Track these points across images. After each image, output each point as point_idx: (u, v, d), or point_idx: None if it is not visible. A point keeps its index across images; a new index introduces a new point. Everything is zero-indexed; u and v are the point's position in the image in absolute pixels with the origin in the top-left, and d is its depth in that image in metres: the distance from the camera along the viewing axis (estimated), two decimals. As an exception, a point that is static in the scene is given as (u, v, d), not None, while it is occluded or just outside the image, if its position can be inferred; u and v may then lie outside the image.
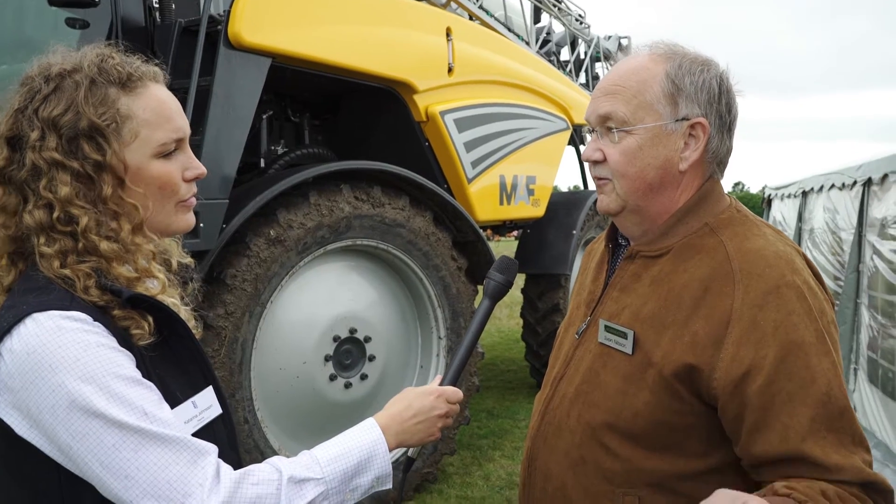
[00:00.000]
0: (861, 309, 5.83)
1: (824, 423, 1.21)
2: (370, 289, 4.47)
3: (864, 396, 5.71)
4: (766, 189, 10.96)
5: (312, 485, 1.18)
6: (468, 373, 4.78)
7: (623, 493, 1.34)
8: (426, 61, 4.85)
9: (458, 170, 5.08)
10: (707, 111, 1.37)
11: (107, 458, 1.06)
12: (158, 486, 1.07)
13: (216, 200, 3.58)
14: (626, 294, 1.43)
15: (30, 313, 1.09)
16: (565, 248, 6.47)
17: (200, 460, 1.11)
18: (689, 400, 1.30)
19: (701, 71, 1.38)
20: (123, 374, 1.10)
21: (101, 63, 1.20)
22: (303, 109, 5.04)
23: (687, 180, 1.41)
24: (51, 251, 1.15)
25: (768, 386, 1.23)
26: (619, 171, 1.39)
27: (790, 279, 1.27)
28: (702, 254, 1.35)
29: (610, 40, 9.67)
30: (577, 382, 1.44)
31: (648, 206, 1.41)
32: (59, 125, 1.16)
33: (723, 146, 1.41)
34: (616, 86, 1.39)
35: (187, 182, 1.28)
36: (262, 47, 3.76)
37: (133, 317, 1.16)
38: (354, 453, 1.26)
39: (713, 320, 1.28)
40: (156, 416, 1.10)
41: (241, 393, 3.77)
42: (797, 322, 1.24)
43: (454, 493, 4.69)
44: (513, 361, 8.58)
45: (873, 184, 5.59)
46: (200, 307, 1.47)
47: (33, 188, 1.16)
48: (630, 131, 1.37)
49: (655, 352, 1.32)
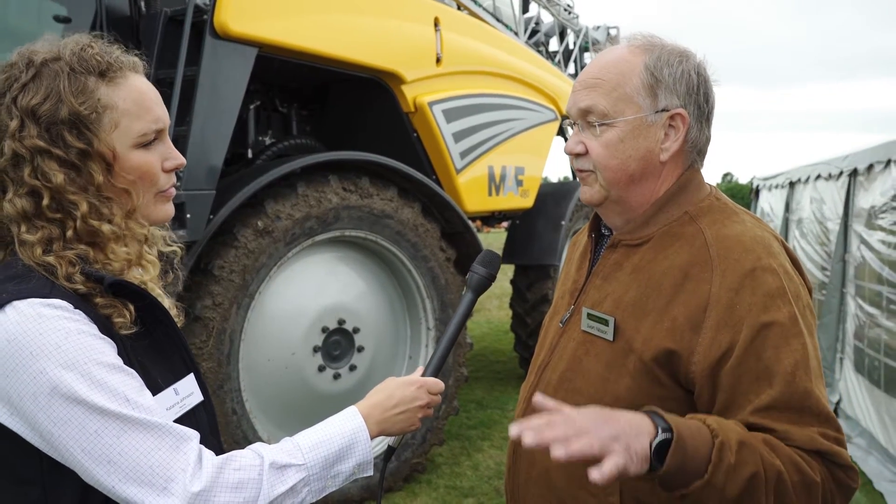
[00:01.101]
0: (847, 298, 5.87)
1: (787, 402, 1.23)
2: (359, 280, 4.47)
3: (849, 385, 5.76)
4: (755, 180, 11.01)
5: (294, 470, 1.20)
6: (457, 363, 4.79)
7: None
8: (414, 51, 4.83)
9: (446, 160, 5.07)
10: (686, 102, 1.39)
11: (89, 445, 1.06)
12: (141, 471, 1.07)
13: (203, 191, 3.57)
14: (609, 282, 1.45)
15: (10, 301, 1.09)
16: (554, 239, 6.49)
17: (183, 446, 1.12)
18: (669, 385, 1.32)
19: (679, 62, 1.39)
20: (105, 361, 1.10)
21: (81, 52, 1.20)
22: (290, 100, 5.02)
23: (668, 170, 1.43)
24: (33, 238, 1.14)
25: (738, 366, 1.25)
26: (602, 164, 1.41)
27: (766, 262, 1.29)
28: (681, 241, 1.37)
29: (599, 30, 9.67)
30: (561, 370, 1.47)
31: (630, 197, 1.43)
32: (38, 114, 1.15)
33: (702, 136, 1.43)
34: (596, 79, 1.41)
35: (167, 172, 1.27)
36: (249, 37, 3.73)
37: (115, 305, 1.17)
38: (336, 440, 1.27)
39: (692, 306, 1.29)
40: (137, 403, 1.10)
41: (230, 384, 3.77)
42: (770, 304, 1.26)
43: (443, 483, 4.71)
44: (502, 352, 8.60)
45: (859, 174, 5.62)
46: (183, 297, 1.48)
47: (13, 177, 1.16)
48: (611, 124, 1.39)
49: (636, 338, 1.34)
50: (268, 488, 1.16)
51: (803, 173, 7.57)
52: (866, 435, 5.28)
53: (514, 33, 7.09)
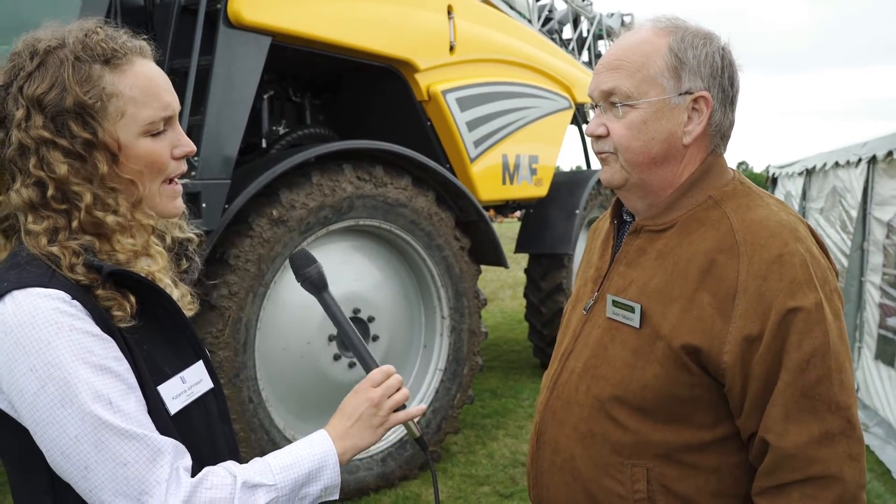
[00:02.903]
0: (866, 286, 5.81)
1: (799, 389, 1.24)
2: (373, 269, 4.47)
3: (867, 374, 5.70)
4: (770, 168, 10.90)
5: (264, 491, 1.19)
6: (471, 352, 4.79)
7: (631, 464, 1.36)
8: (427, 40, 4.81)
9: (460, 149, 5.05)
10: (710, 85, 1.37)
11: (67, 449, 1.06)
12: (116, 481, 1.06)
13: (218, 181, 3.57)
14: (633, 269, 1.43)
15: (9, 290, 1.08)
16: (568, 228, 6.45)
17: (160, 459, 1.10)
18: (698, 373, 1.31)
19: (703, 44, 1.37)
20: (93, 362, 1.08)
21: (86, 39, 1.17)
22: (304, 89, 5.02)
23: (691, 154, 1.41)
24: (38, 228, 1.14)
25: (766, 354, 1.25)
26: (624, 145, 1.39)
27: (793, 247, 1.28)
28: (706, 226, 1.36)
29: (613, 17, 9.58)
30: (586, 357, 1.45)
31: (652, 180, 1.41)
32: (43, 103, 1.14)
33: (725, 120, 1.41)
34: (619, 60, 1.39)
35: (176, 160, 1.25)
36: (262, 26, 3.73)
37: (115, 297, 1.15)
38: (306, 462, 1.26)
39: (720, 294, 1.28)
40: (120, 408, 1.08)
41: (246, 373, 3.79)
42: (796, 290, 1.25)
43: (458, 471, 4.71)
44: (516, 342, 8.60)
45: (878, 161, 5.55)
46: (197, 285, 1.47)
47: (20, 167, 1.15)
48: (634, 105, 1.37)
49: (663, 325, 1.33)
50: None
51: (820, 161, 7.48)
52: (885, 424, 5.23)
53: (527, 21, 7.04)
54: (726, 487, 1.33)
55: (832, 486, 1.23)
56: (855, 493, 1.24)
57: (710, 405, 1.32)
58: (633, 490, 1.35)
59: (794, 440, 1.23)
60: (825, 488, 1.23)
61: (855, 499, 1.24)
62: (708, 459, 1.33)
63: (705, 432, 1.33)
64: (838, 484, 1.23)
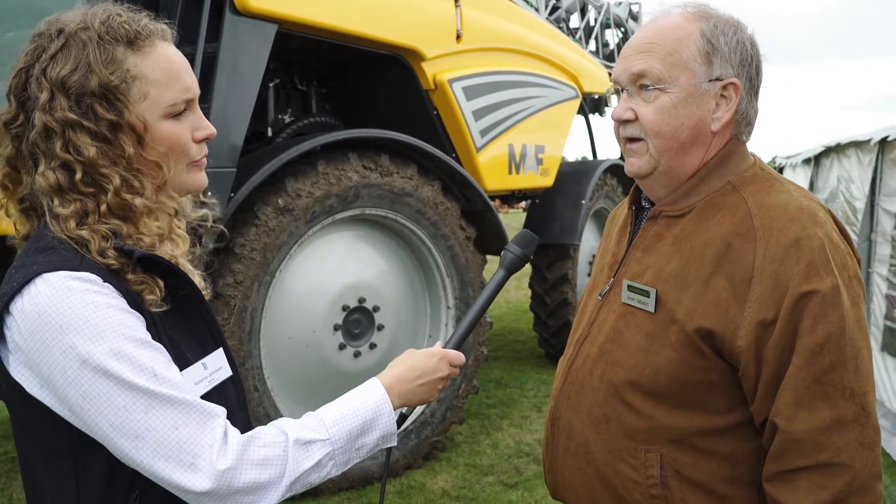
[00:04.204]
0: (874, 278, 5.79)
1: (812, 374, 1.22)
2: (379, 258, 4.46)
3: (874, 366, 5.69)
4: (777, 158, 10.85)
5: (318, 446, 1.19)
6: (477, 342, 4.79)
7: (645, 449, 1.36)
8: (434, 28, 4.78)
9: (466, 139, 5.03)
10: (739, 72, 1.37)
11: (117, 419, 1.06)
12: (168, 447, 1.07)
13: (224, 169, 3.56)
14: (649, 254, 1.42)
15: (40, 273, 1.08)
16: (574, 219, 6.43)
17: (210, 422, 1.11)
18: (712, 357, 1.30)
19: (734, 32, 1.37)
20: (133, 336, 1.09)
21: (109, 21, 1.17)
22: (310, 77, 5.00)
23: (716, 141, 1.40)
24: (66, 212, 1.13)
25: (780, 338, 1.24)
26: (654, 130, 1.38)
27: (811, 231, 1.26)
28: (724, 211, 1.35)
29: (620, 6, 9.52)
30: (601, 342, 1.45)
31: (679, 166, 1.40)
32: (67, 85, 1.13)
33: (751, 108, 1.41)
34: (651, 43, 1.38)
35: (198, 143, 1.26)
36: (269, 13, 3.71)
37: (146, 281, 1.16)
38: (360, 413, 1.26)
39: (736, 278, 1.27)
40: (166, 378, 1.10)
41: (251, 362, 3.79)
42: (812, 273, 1.23)
43: (462, 461, 4.72)
44: (521, 332, 8.59)
45: (886, 152, 5.52)
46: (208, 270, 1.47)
47: (44, 149, 1.14)
48: (665, 89, 1.36)
49: (678, 309, 1.32)
50: (293, 464, 1.16)
51: (827, 151, 7.44)
52: (891, 416, 5.22)
53: (534, 10, 7.00)
54: (741, 474, 1.32)
55: (841, 473, 1.21)
56: (865, 483, 1.22)
57: (723, 390, 1.31)
58: (646, 475, 1.35)
59: (804, 425, 1.22)
60: (834, 476, 1.21)
61: (865, 488, 1.22)
62: (722, 445, 1.33)
63: (719, 418, 1.32)
64: (847, 472, 1.21)
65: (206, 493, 1.08)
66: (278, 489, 1.14)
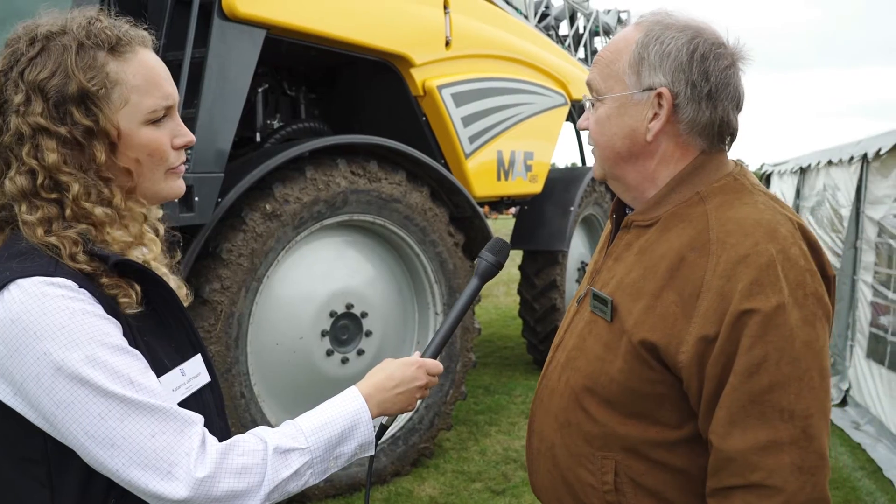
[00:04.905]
0: (859, 285, 5.83)
1: (747, 393, 1.19)
2: (367, 264, 4.45)
3: (860, 373, 5.72)
4: (765, 166, 10.92)
5: (297, 454, 1.19)
6: (465, 349, 4.79)
7: (602, 455, 1.37)
8: (423, 34, 4.78)
9: (455, 145, 5.04)
10: (674, 79, 1.32)
11: (92, 427, 1.05)
12: (145, 454, 1.06)
13: (211, 174, 3.55)
14: (618, 263, 1.43)
15: (14, 279, 1.07)
16: (563, 225, 6.45)
17: (187, 430, 1.10)
18: (659, 369, 1.29)
19: (673, 38, 1.32)
20: (109, 342, 1.08)
21: (89, 26, 1.17)
22: (299, 83, 4.99)
23: (665, 150, 1.38)
24: (33, 219, 1.12)
25: (719, 355, 1.21)
26: (593, 140, 1.43)
27: (762, 248, 1.22)
28: (686, 223, 1.33)
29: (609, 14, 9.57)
30: (569, 349, 1.47)
31: (625, 175, 1.42)
32: (45, 89, 1.12)
33: (700, 116, 1.33)
34: (600, 56, 1.42)
35: (176, 150, 1.25)
36: (257, 19, 3.70)
37: (121, 285, 1.15)
38: (338, 422, 1.27)
39: (685, 293, 1.26)
40: (142, 385, 1.08)
41: (238, 368, 3.77)
42: (756, 291, 1.20)
43: (450, 467, 4.71)
44: (509, 338, 8.60)
45: (871, 160, 5.57)
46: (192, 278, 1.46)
47: (16, 153, 1.13)
48: (602, 100, 1.39)
49: (628, 319, 1.33)
50: (272, 473, 1.15)
51: (815, 159, 7.49)
52: (876, 422, 5.25)
53: (523, 17, 7.02)
54: (695, 487, 1.31)
55: (774, 496, 1.18)
56: None
57: (674, 404, 1.30)
58: (602, 481, 1.36)
59: (737, 444, 1.20)
60: (767, 498, 1.18)
61: None
62: (676, 459, 1.31)
63: (671, 431, 1.31)
64: (780, 495, 1.17)
65: (183, 501, 1.07)
66: (256, 497, 1.13)
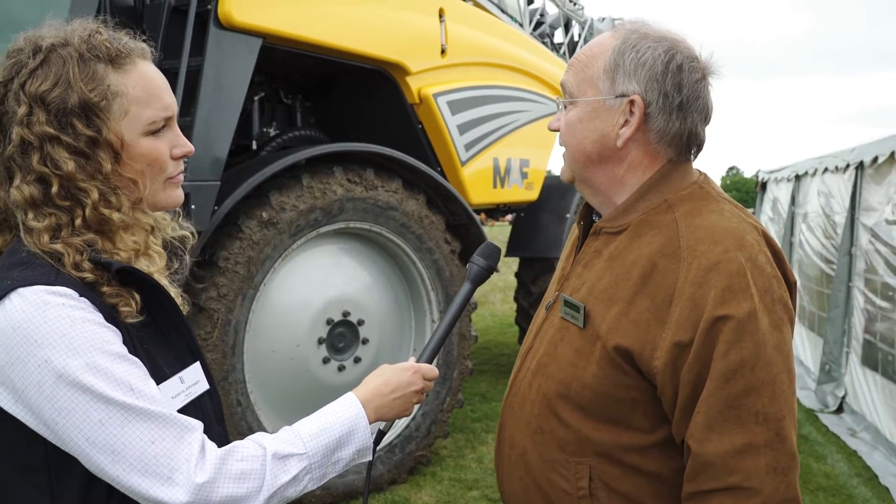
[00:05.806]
0: (854, 292, 5.84)
1: (724, 398, 1.22)
2: (363, 272, 4.45)
3: (855, 380, 5.73)
4: (760, 173, 10.96)
5: (296, 460, 1.20)
6: (461, 356, 4.79)
7: (576, 461, 1.37)
8: (419, 43, 4.80)
9: (451, 152, 5.05)
10: (648, 88, 1.34)
11: (93, 434, 1.06)
12: (145, 461, 1.07)
13: (208, 182, 3.56)
14: (588, 270, 1.44)
15: (14, 288, 1.08)
16: (559, 232, 6.46)
17: (187, 436, 1.11)
18: (633, 375, 1.31)
19: (649, 48, 1.35)
20: (110, 350, 1.09)
21: (90, 38, 1.19)
22: (295, 91, 5.00)
23: (634, 157, 1.40)
24: (40, 226, 1.13)
25: (694, 362, 1.24)
26: (563, 141, 1.45)
27: (732, 255, 1.26)
28: (655, 230, 1.36)
29: (604, 22, 9.61)
30: (540, 355, 1.48)
31: (593, 178, 1.44)
32: (47, 101, 1.14)
33: (670, 126, 1.36)
34: (576, 59, 1.43)
35: (175, 160, 1.27)
36: (253, 27, 3.72)
37: (122, 293, 1.16)
38: (336, 428, 1.28)
39: (658, 299, 1.28)
40: (142, 392, 1.10)
41: (234, 375, 3.77)
42: (729, 298, 1.23)
43: (447, 475, 4.70)
44: (506, 345, 8.59)
45: (866, 167, 5.59)
46: (189, 286, 1.48)
47: (20, 163, 1.15)
48: (574, 103, 1.41)
49: (602, 326, 1.34)
50: (271, 478, 1.16)
51: (810, 166, 7.53)
52: (872, 429, 5.26)
53: (518, 24, 7.05)
54: (669, 490, 1.33)
55: (750, 498, 1.21)
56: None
57: (647, 409, 1.32)
58: (576, 486, 1.37)
59: (715, 448, 1.22)
60: (744, 500, 1.21)
61: None
62: (649, 463, 1.33)
63: (644, 436, 1.33)
64: (757, 496, 1.21)
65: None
66: (255, 503, 1.14)
